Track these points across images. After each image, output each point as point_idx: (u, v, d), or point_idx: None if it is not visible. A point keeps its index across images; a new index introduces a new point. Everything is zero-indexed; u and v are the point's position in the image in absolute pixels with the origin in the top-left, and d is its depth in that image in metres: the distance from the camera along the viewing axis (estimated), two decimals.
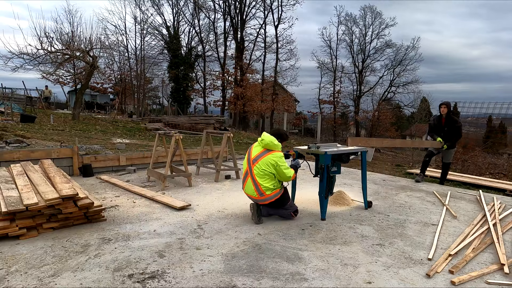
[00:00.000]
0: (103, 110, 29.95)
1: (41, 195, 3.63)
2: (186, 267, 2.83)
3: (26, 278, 2.58)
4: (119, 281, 2.57)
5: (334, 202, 4.80)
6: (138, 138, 13.54)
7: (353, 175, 7.31)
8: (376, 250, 3.30)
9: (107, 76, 32.93)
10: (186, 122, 19.67)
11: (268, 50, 29.22)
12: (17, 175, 4.49)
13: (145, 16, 30.30)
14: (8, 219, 3.33)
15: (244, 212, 4.36)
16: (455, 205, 5.03)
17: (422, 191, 6.00)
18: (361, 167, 4.70)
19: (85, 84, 18.28)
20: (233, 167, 6.69)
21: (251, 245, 3.33)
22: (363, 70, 32.22)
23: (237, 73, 28.64)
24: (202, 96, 31.71)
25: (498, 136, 12.49)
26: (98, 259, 2.94)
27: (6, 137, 8.67)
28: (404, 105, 33.27)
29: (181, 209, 4.43)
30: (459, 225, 4.14)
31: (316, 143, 4.46)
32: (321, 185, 4.12)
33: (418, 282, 2.69)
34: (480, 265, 3.01)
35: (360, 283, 2.64)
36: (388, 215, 4.44)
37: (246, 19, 28.90)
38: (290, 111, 30.74)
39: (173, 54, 30.32)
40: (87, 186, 5.58)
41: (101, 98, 35.27)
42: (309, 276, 2.72)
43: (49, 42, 15.54)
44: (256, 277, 2.68)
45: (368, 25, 31.69)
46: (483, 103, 12.22)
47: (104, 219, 3.93)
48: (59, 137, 10.05)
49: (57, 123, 14.63)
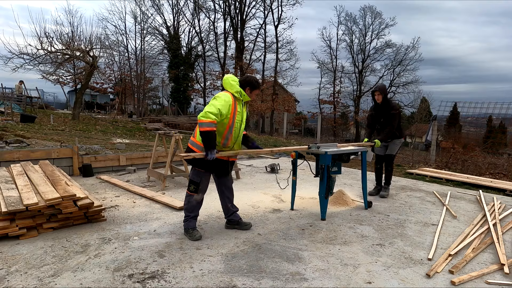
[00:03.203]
0: (103, 110, 29.96)
1: (41, 195, 3.63)
2: (186, 267, 2.83)
3: (26, 278, 2.58)
4: (119, 281, 2.57)
5: (334, 202, 4.80)
6: (138, 138, 13.53)
7: (353, 175, 7.30)
8: (376, 250, 3.29)
9: (107, 76, 32.92)
10: (186, 122, 19.67)
11: (268, 50, 29.27)
12: (17, 175, 4.49)
13: (145, 16, 30.34)
14: (8, 219, 3.32)
15: (244, 212, 4.35)
16: (455, 205, 5.03)
17: (422, 191, 5.99)
18: (361, 167, 4.70)
19: (85, 84, 18.28)
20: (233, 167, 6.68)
21: (251, 245, 3.33)
22: (363, 70, 32.27)
23: (237, 73, 28.64)
24: (202, 96, 31.74)
25: (498, 136, 12.47)
26: (98, 259, 2.94)
27: (6, 137, 8.66)
28: (404, 105, 33.28)
29: (181, 209, 4.43)
30: (459, 225, 4.14)
31: (316, 143, 4.46)
32: (321, 185, 4.12)
33: (418, 282, 2.69)
34: (480, 265, 3.01)
35: (360, 283, 2.64)
36: (388, 215, 4.44)
37: (246, 19, 28.93)
38: (290, 111, 30.75)
39: (173, 54, 30.34)
40: (87, 186, 5.58)
41: (101, 98, 35.30)
42: (309, 276, 2.72)
43: (49, 42, 15.54)
44: (256, 277, 2.68)
45: (368, 25, 31.75)
46: (483, 103, 12.20)
47: (104, 219, 3.93)
48: (59, 137, 10.05)
49: (57, 123, 14.63)
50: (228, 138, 3.41)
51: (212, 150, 3.16)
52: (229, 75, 3.47)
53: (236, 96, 3.36)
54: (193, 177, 3.44)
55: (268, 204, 4.86)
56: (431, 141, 10.51)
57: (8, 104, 16.23)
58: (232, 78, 3.42)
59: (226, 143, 3.43)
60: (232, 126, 3.36)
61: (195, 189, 3.43)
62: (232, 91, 3.36)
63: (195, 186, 3.42)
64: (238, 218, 3.80)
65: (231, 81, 3.39)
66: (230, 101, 3.28)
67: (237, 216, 3.79)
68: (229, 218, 3.78)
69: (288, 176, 5.02)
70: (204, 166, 3.37)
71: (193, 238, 3.40)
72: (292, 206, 4.62)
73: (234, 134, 3.42)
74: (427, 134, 11.50)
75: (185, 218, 3.52)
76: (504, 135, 13.07)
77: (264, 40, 29.18)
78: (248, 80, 3.47)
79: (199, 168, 3.41)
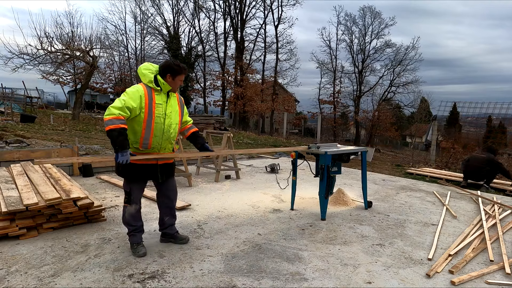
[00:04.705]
0: (103, 110, 29.94)
1: (41, 195, 3.63)
2: (186, 267, 2.83)
3: (26, 278, 2.58)
4: (119, 281, 2.57)
5: (334, 202, 4.80)
6: None
7: (353, 175, 7.31)
8: (376, 250, 3.29)
9: (107, 76, 32.88)
10: None
11: (268, 50, 29.28)
12: (17, 175, 4.49)
13: (145, 16, 30.35)
14: (8, 219, 3.32)
15: (244, 212, 4.36)
16: (455, 205, 5.03)
17: (422, 191, 5.99)
18: (361, 167, 4.70)
19: (85, 84, 18.29)
20: (233, 167, 6.69)
21: (251, 245, 3.33)
22: (363, 70, 32.22)
23: (237, 73, 28.66)
24: (202, 96, 31.73)
25: (498, 136, 12.47)
26: (98, 259, 2.94)
27: (6, 137, 8.67)
28: (404, 105, 33.29)
29: (181, 209, 4.43)
30: (459, 225, 4.14)
31: (316, 143, 4.46)
32: (321, 185, 4.12)
33: (418, 282, 2.69)
34: (480, 265, 3.01)
35: (360, 283, 2.64)
36: (388, 215, 4.44)
37: (246, 19, 28.94)
38: (290, 111, 30.75)
39: (173, 54, 30.31)
40: (87, 186, 5.58)
41: (101, 98, 35.26)
42: (309, 276, 2.72)
43: (49, 42, 15.56)
44: (256, 277, 2.68)
45: (367, 25, 31.72)
46: (483, 103, 12.23)
47: (104, 219, 3.93)
48: (59, 137, 10.05)
49: (57, 123, 14.63)
50: (148, 137, 2.89)
51: (122, 151, 2.67)
52: (142, 64, 3.01)
53: (151, 86, 2.88)
54: (124, 187, 3.05)
55: (268, 204, 4.86)
56: (431, 141, 10.52)
57: (8, 104, 16.23)
58: (145, 66, 2.96)
59: (147, 143, 2.91)
60: (151, 121, 2.85)
61: (128, 200, 3.00)
62: (145, 81, 2.90)
63: (127, 197, 3.01)
64: (175, 231, 3.35)
65: (143, 70, 2.93)
66: (141, 92, 2.81)
67: (174, 229, 3.34)
68: (164, 231, 3.33)
69: (288, 176, 5.02)
70: (124, 173, 2.95)
71: (137, 255, 2.98)
72: (292, 206, 4.62)
73: (156, 131, 2.90)
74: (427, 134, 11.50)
75: (128, 233, 3.11)
76: (504, 135, 13.08)
77: (264, 40, 29.21)
78: (167, 65, 2.94)
79: (124, 177, 2.99)
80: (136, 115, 2.81)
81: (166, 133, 2.98)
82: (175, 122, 3.04)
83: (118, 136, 2.65)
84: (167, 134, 2.99)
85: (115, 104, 2.71)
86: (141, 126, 2.85)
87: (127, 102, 2.74)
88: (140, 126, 2.85)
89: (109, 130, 2.66)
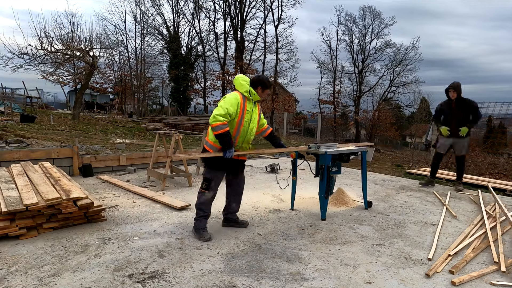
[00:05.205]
0: (103, 110, 29.99)
1: (41, 195, 3.63)
2: (186, 267, 2.83)
3: (26, 278, 2.58)
4: (119, 281, 2.57)
5: (334, 202, 4.80)
6: (138, 138, 13.53)
7: (353, 175, 7.31)
8: (376, 250, 3.29)
9: (107, 76, 32.92)
10: (186, 122, 19.68)
11: (268, 50, 29.23)
12: (17, 175, 4.49)
13: (145, 16, 30.35)
14: (8, 219, 3.32)
15: (244, 212, 4.35)
16: (455, 205, 5.03)
17: (422, 191, 5.99)
18: (361, 167, 4.70)
19: (85, 84, 18.29)
20: None
21: (251, 245, 3.33)
22: (363, 70, 32.20)
23: (237, 73, 28.60)
24: (202, 96, 31.73)
25: (498, 136, 12.47)
26: (98, 259, 2.94)
27: (6, 137, 8.66)
28: (404, 105, 33.28)
29: (181, 209, 4.43)
30: (459, 225, 4.14)
31: (316, 143, 4.46)
32: (321, 185, 4.12)
33: (418, 282, 2.69)
34: (480, 265, 3.01)
35: (360, 283, 2.64)
36: (388, 215, 4.44)
37: (246, 19, 28.91)
38: (290, 111, 30.75)
39: (173, 54, 30.35)
40: (87, 186, 5.58)
41: (101, 98, 35.29)
42: (309, 276, 2.72)
43: (49, 42, 15.55)
44: (256, 277, 2.68)
45: (367, 25, 31.71)
46: (483, 103, 12.21)
47: (104, 219, 3.93)
48: (59, 137, 10.05)
49: (57, 123, 14.63)
50: (236, 137, 3.44)
51: (230, 149, 3.25)
52: (240, 75, 3.54)
53: (245, 95, 3.42)
54: (206, 175, 3.49)
55: (268, 204, 4.86)
56: (431, 141, 10.50)
57: (8, 104, 16.23)
58: (243, 78, 3.49)
59: (234, 142, 3.43)
60: (240, 125, 3.40)
61: (207, 186, 3.46)
62: (242, 90, 3.42)
63: (206, 183, 3.46)
64: (236, 216, 3.87)
65: (241, 81, 3.45)
66: (238, 100, 3.34)
67: (235, 215, 3.87)
68: (226, 217, 3.85)
69: (288, 176, 5.01)
70: (212, 163, 3.45)
71: (203, 239, 3.38)
72: (292, 206, 4.62)
73: (241, 133, 3.45)
74: (427, 134, 11.49)
75: (196, 217, 3.52)
76: (504, 135, 13.06)
77: (264, 40, 29.16)
78: (260, 79, 3.52)
79: (209, 167, 3.48)
80: (232, 119, 3.31)
81: (248, 135, 3.54)
82: (255, 127, 3.60)
83: (227, 138, 3.22)
84: (249, 136, 3.55)
85: (219, 112, 3.20)
86: (233, 127, 3.37)
87: (229, 109, 3.25)
88: (233, 128, 3.38)
89: (219, 134, 3.21)
